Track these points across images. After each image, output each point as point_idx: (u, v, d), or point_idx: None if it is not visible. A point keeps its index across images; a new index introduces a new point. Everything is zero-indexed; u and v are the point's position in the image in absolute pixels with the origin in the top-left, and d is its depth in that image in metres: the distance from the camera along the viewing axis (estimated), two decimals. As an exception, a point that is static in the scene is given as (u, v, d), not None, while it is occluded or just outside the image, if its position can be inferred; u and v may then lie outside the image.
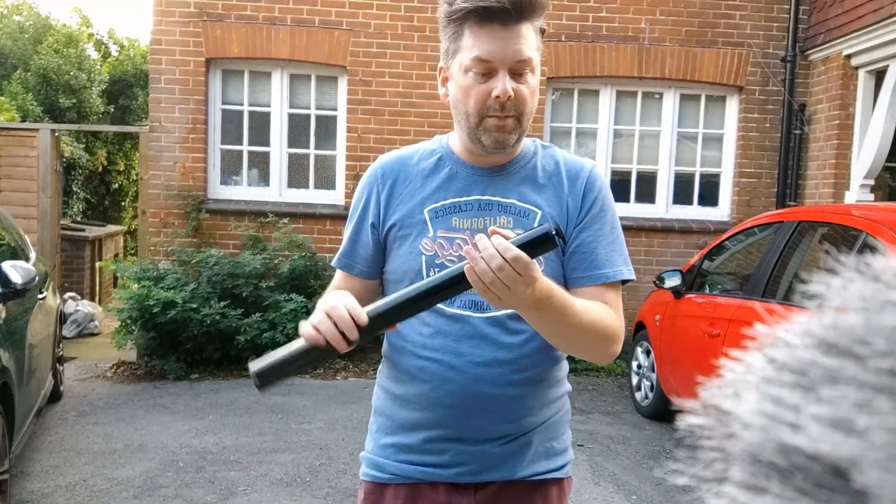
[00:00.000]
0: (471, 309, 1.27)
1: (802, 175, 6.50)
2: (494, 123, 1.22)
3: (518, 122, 1.23)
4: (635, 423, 4.90)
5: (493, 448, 1.28)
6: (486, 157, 1.29)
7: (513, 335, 1.26)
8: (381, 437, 1.37)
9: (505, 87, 1.18)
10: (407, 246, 1.30)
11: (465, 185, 1.30)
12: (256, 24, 6.23)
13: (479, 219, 1.28)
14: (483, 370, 1.25)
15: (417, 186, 1.32)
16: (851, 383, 0.22)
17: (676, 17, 6.45)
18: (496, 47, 1.18)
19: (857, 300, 0.24)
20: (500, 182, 1.30)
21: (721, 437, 0.25)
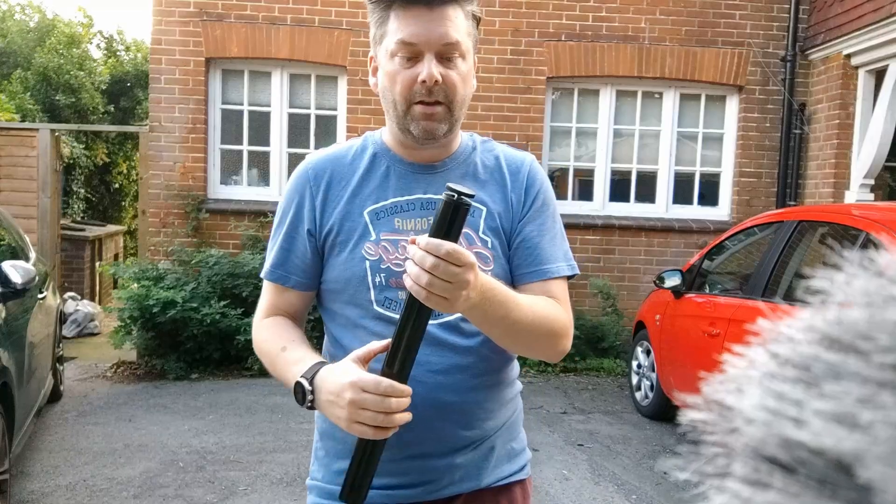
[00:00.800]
0: None
1: (802, 175, 6.50)
2: (421, 111, 1.16)
3: (448, 110, 1.17)
4: (635, 423, 4.90)
5: (459, 458, 1.22)
6: (421, 150, 1.23)
7: (468, 338, 1.20)
8: (331, 463, 1.26)
9: (431, 71, 1.12)
10: (348, 252, 1.21)
11: (405, 183, 1.23)
12: (256, 23, 6.23)
13: (423, 219, 1.21)
14: (442, 377, 1.18)
15: (354, 187, 1.24)
16: (855, 378, 0.22)
17: (676, 16, 6.45)
18: (421, 30, 1.13)
19: (861, 295, 0.24)
20: (440, 179, 1.22)
21: (724, 432, 0.25)
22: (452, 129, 1.21)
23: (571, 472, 3.96)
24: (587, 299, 6.35)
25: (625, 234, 6.49)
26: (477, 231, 1.22)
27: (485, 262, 1.19)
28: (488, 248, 1.22)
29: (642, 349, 5.26)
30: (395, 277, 1.19)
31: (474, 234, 1.21)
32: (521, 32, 6.37)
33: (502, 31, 6.36)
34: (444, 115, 1.17)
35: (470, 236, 1.20)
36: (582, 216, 6.45)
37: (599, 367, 6.11)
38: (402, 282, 1.14)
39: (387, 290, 1.19)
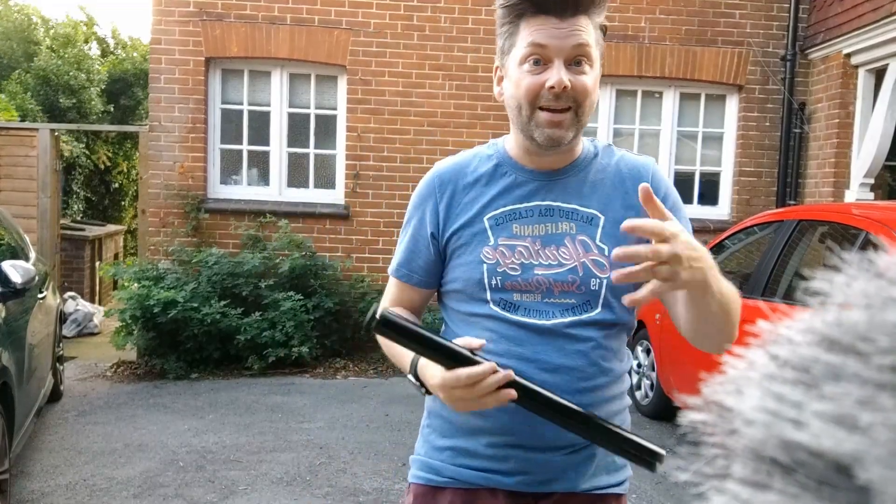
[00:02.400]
0: (535, 316, 1.22)
1: (802, 174, 6.50)
2: (547, 118, 1.17)
3: (576, 116, 1.18)
4: (635, 422, 4.88)
5: (557, 457, 1.24)
6: (543, 157, 1.25)
7: (579, 342, 1.22)
8: (436, 440, 1.31)
9: (560, 76, 1.14)
10: (468, 255, 1.26)
11: (525, 190, 1.26)
12: (256, 23, 6.23)
13: (540, 225, 1.24)
14: (549, 376, 1.20)
15: (476, 194, 1.28)
16: (854, 380, 0.22)
17: (676, 15, 6.45)
18: (553, 35, 1.15)
19: (861, 297, 0.24)
20: (560, 186, 1.26)
21: (723, 433, 0.25)
22: (577, 136, 1.22)
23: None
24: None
25: (625, 233, 6.48)
26: (594, 239, 1.23)
27: (601, 269, 1.22)
28: (605, 256, 1.22)
29: (642, 348, 5.26)
30: (510, 280, 1.23)
31: (591, 241, 1.23)
32: (520, 32, 6.36)
33: (502, 31, 6.34)
34: (571, 122, 1.18)
35: (587, 244, 1.23)
36: (582, 215, 6.44)
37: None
38: (517, 284, 1.22)
39: (502, 292, 1.23)
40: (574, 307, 1.22)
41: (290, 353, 5.65)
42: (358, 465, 3.95)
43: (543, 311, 1.22)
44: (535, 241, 1.23)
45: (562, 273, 1.22)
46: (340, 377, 5.78)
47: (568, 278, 1.22)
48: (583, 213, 1.24)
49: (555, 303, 1.22)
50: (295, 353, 5.65)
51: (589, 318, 1.22)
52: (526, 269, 1.23)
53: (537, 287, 1.23)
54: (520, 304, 1.23)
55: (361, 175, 6.37)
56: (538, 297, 1.22)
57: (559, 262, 1.23)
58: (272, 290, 5.83)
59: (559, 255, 1.23)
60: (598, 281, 1.22)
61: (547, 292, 1.23)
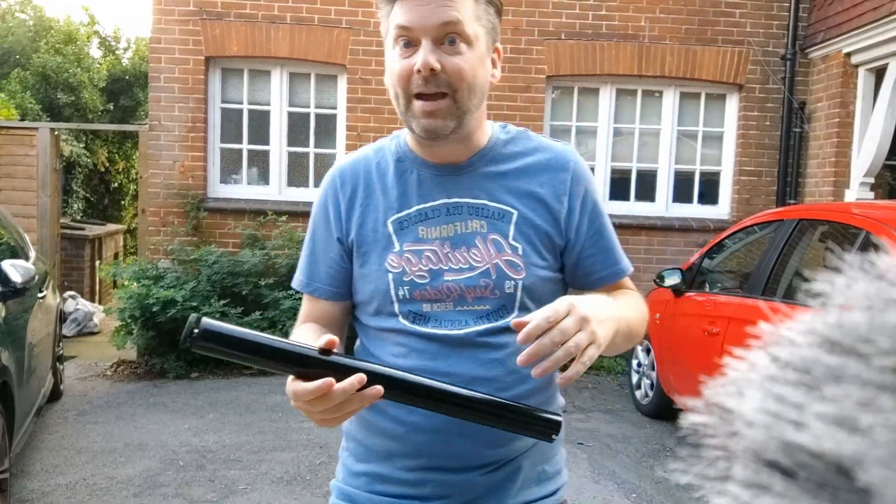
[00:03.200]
0: (448, 327, 1.12)
1: (802, 173, 6.50)
2: (421, 108, 1.05)
3: (454, 102, 1.06)
4: (635, 422, 4.91)
5: (478, 477, 1.14)
6: (441, 149, 1.13)
7: (495, 350, 1.12)
8: (352, 465, 1.23)
9: (426, 58, 1.02)
10: (371, 264, 1.15)
11: (428, 188, 1.15)
12: (256, 22, 6.23)
13: (448, 225, 1.13)
14: None
15: (379, 195, 1.17)
16: (855, 381, 0.22)
17: (676, 15, 6.45)
18: (417, 13, 1.03)
19: (862, 298, 0.24)
20: (466, 180, 1.14)
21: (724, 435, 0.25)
22: (462, 125, 1.09)
23: (571, 470, 3.96)
24: (587, 298, 6.34)
25: (625, 232, 6.48)
26: (507, 237, 1.13)
27: (515, 270, 1.12)
28: (518, 255, 1.13)
29: (642, 348, 5.26)
30: (419, 290, 1.13)
31: (503, 240, 1.13)
32: (520, 31, 6.37)
33: (502, 30, 6.30)
34: (448, 110, 1.06)
35: (499, 243, 1.13)
36: (582, 215, 6.44)
37: (599, 365, 6.12)
38: (426, 294, 1.12)
39: (410, 303, 1.13)
40: (489, 313, 1.12)
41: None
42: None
43: (456, 320, 1.12)
44: (443, 244, 1.13)
45: (473, 277, 1.12)
46: (340, 376, 5.78)
47: (480, 283, 1.12)
48: (493, 208, 1.13)
49: (468, 310, 1.12)
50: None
51: (506, 324, 1.11)
52: (435, 276, 1.12)
53: (448, 295, 1.12)
54: (430, 315, 1.12)
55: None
56: (450, 305, 1.12)
57: (470, 266, 1.12)
58: (272, 289, 5.83)
59: (470, 257, 1.12)
60: (512, 283, 1.12)
61: (459, 300, 1.12)
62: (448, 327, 1.12)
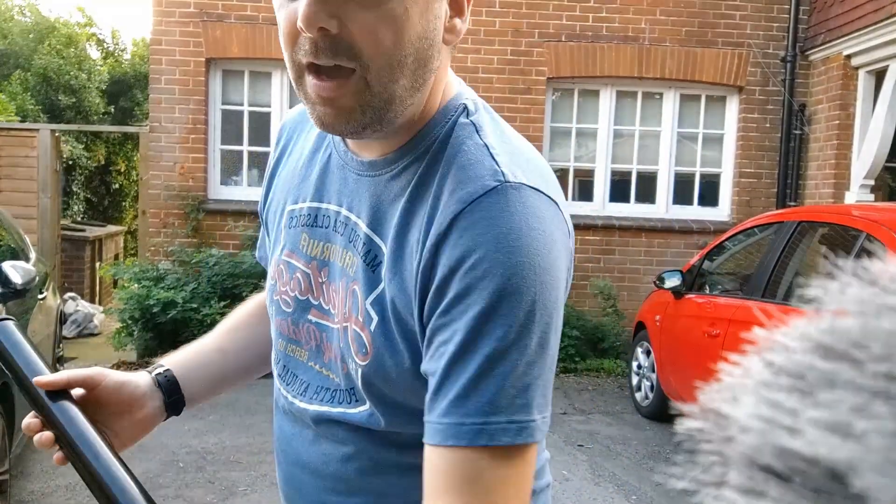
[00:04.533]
0: (294, 389, 0.87)
1: (802, 175, 6.50)
2: (314, 88, 0.68)
3: (366, 83, 0.67)
4: (635, 424, 4.90)
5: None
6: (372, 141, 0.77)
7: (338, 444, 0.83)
8: None
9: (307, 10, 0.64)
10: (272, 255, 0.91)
11: (334, 183, 0.81)
12: (256, 24, 6.23)
13: (330, 245, 0.80)
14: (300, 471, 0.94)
15: (293, 167, 0.88)
16: (849, 387, 0.22)
17: (676, 17, 6.45)
18: None
19: (855, 304, 0.24)
20: (366, 187, 0.77)
21: (719, 440, 0.25)
22: (385, 119, 0.70)
23: (571, 472, 3.96)
24: (587, 300, 6.35)
25: (625, 234, 6.49)
26: (366, 298, 0.75)
27: (360, 351, 0.75)
28: (368, 331, 0.74)
29: (642, 350, 5.26)
30: (281, 318, 0.86)
31: (362, 300, 0.75)
32: (521, 33, 6.37)
33: (502, 32, 6.36)
34: (354, 95, 0.67)
35: (357, 302, 0.76)
36: (582, 217, 6.45)
37: (599, 367, 6.12)
38: (285, 327, 0.86)
39: (276, 332, 0.88)
40: (338, 391, 0.81)
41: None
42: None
43: (303, 381, 0.85)
44: (320, 269, 0.81)
45: (332, 331, 0.80)
46: (340, 378, 5.78)
47: (335, 344, 0.80)
48: (372, 242, 0.75)
49: (322, 374, 0.82)
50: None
51: (351, 416, 0.79)
52: (299, 308, 0.84)
53: (308, 339, 0.83)
54: (287, 367, 0.87)
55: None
56: (304, 354, 0.84)
57: (332, 314, 0.80)
58: (272, 291, 5.83)
59: (333, 300, 0.80)
60: (355, 366, 0.76)
61: (315, 353, 0.83)
62: (295, 390, 0.86)
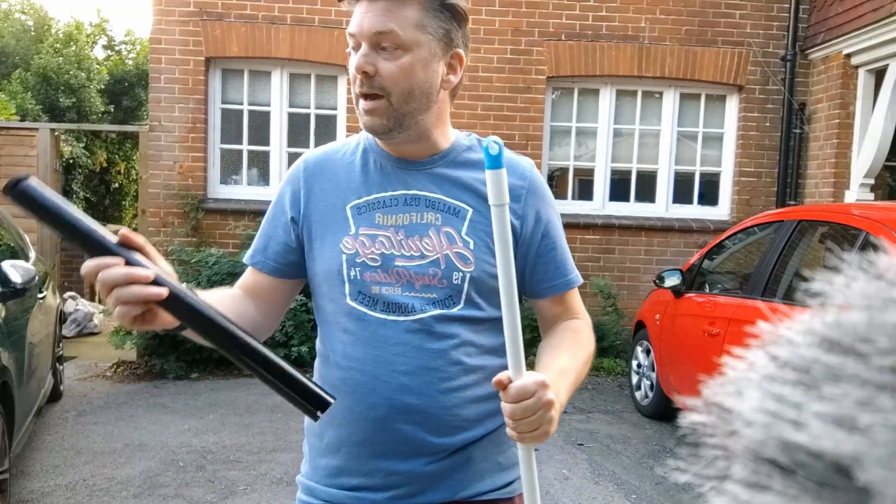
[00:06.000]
0: (394, 313, 1.16)
1: (802, 174, 6.50)
2: (362, 105, 1.14)
3: (390, 105, 1.12)
4: (635, 423, 4.90)
5: (426, 466, 1.17)
6: (405, 146, 1.20)
7: (439, 340, 1.16)
8: (313, 459, 1.26)
9: (359, 61, 1.11)
10: (327, 245, 1.21)
11: (389, 179, 1.21)
12: (256, 23, 6.23)
13: (404, 214, 1.19)
14: (407, 379, 1.15)
15: (341, 182, 1.23)
16: (854, 381, 0.22)
17: (676, 16, 6.45)
18: (358, 21, 1.12)
19: (860, 298, 0.24)
20: (426, 176, 1.21)
21: (723, 434, 0.25)
22: (403, 125, 1.15)
23: (571, 471, 3.96)
24: (587, 299, 6.32)
25: (625, 233, 6.49)
26: (460, 232, 1.19)
27: (464, 263, 1.17)
28: (469, 249, 1.18)
29: (642, 349, 5.26)
30: (370, 272, 1.17)
31: (456, 234, 1.18)
32: (520, 32, 6.37)
33: (502, 31, 6.36)
34: (384, 110, 1.13)
35: (451, 236, 1.18)
36: (582, 216, 6.45)
37: (599, 366, 6.12)
38: (376, 276, 1.16)
39: (360, 284, 1.18)
40: (436, 301, 1.17)
41: (290, 353, 5.65)
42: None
43: (403, 304, 1.17)
44: (397, 231, 1.18)
45: (423, 266, 1.17)
46: (340, 377, 5.78)
47: (429, 271, 1.17)
48: (449, 203, 1.20)
49: (416, 296, 1.17)
50: (295, 353, 5.64)
51: (451, 314, 1.17)
52: (386, 260, 1.18)
53: (397, 279, 1.17)
54: (378, 298, 1.17)
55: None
56: (398, 289, 1.17)
57: (421, 254, 1.18)
58: (272, 290, 5.83)
59: (422, 245, 1.18)
60: (460, 275, 1.17)
61: (407, 285, 1.17)
62: (395, 313, 1.16)
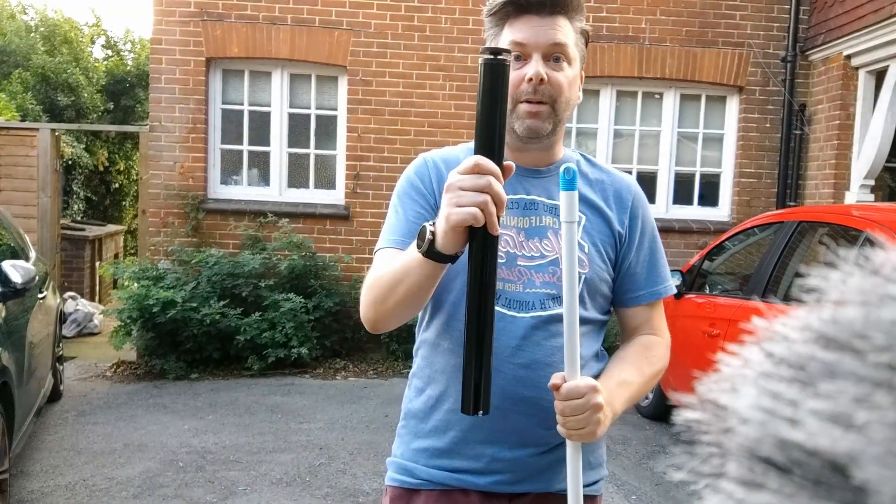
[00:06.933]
0: (515, 309, 1.23)
1: (802, 175, 6.50)
2: (526, 109, 1.21)
3: (553, 110, 1.23)
4: (635, 424, 4.90)
5: (531, 457, 1.24)
6: (525, 154, 1.28)
7: (556, 338, 1.21)
8: (412, 441, 1.31)
9: (538, 69, 1.19)
10: None
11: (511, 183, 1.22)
12: (257, 23, 6.23)
13: (524, 217, 1.27)
14: (524, 372, 1.21)
15: None
16: (850, 378, 0.22)
17: (677, 17, 6.45)
18: (531, 32, 1.21)
19: (856, 294, 0.23)
20: (543, 183, 1.29)
21: (718, 432, 0.25)
22: (556, 130, 1.26)
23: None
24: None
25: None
26: None
27: (580, 265, 1.22)
28: (584, 252, 1.26)
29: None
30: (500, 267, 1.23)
31: None
32: (521, 33, 6.37)
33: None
34: (548, 115, 1.22)
35: None
36: (582, 216, 6.44)
37: (599, 367, 6.11)
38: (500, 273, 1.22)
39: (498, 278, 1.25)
40: (554, 298, 1.23)
41: (290, 354, 5.65)
42: (357, 465, 3.95)
43: (524, 301, 1.23)
44: (519, 233, 1.26)
45: (543, 265, 1.25)
46: (340, 378, 5.77)
47: (549, 269, 1.24)
48: None
49: (536, 293, 1.24)
50: (295, 354, 5.64)
51: None
52: (510, 259, 1.24)
53: (519, 277, 1.24)
54: (501, 294, 1.22)
55: (362, 176, 6.37)
56: (519, 287, 1.24)
57: (541, 254, 1.25)
58: (272, 291, 5.83)
59: (542, 247, 1.25)
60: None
61: (528, 283, 1.24)
62: (516, 308, 1.23)
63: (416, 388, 1.33)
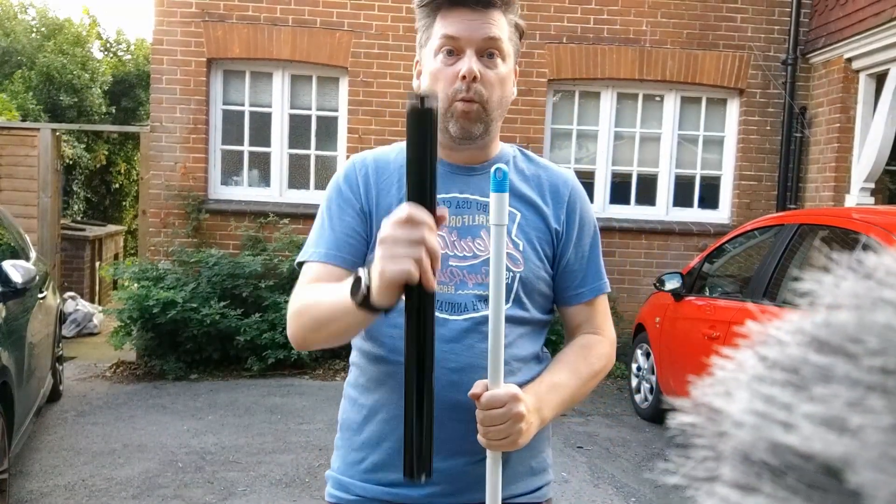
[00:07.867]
0: (447, 311, 1.19)
1: (803, 178, 6.49)
2: (461, 109, 1.18)
3: (484, 110, 1.19)
4: (635, 426, 4.90)
5: (466, 465, 1.19)
6: (459, 152, 1.25)
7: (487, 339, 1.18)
8: (346, 454, 1.28)
9: (471, 66, 1.16)
10: None
11: (444, 181, 1.21)
12: (258, 24, 6.23)
13: (457, 217, 1.23)
14: (456, 376, 1.16)
15: (394, 183, 1.25)
16: (844, 381, 0.22)
17: (677, 19, 6.45)
18: (464, 26, 1.17)
19: (850, 298, 0.23)
20: (476, 180, 1.26)
21: (712, 435, 0.25)
22: (488, 131, 1.23)
23: (571, 474, 3.96)
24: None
25: (625, 236, 6.48)
26: (509, 233, 1.22)
27: (514, 263, 1.21)
28: (518, 251, 1.23)
29: (642, 352, 5.26)
30: None
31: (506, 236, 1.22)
32: (522, 34, 6.37)
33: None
34: (478, 115, 1.19)
35: None
36: (582, 218, 6.44)
37: (599, 369, 6.10)
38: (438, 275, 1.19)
39: None
40: (486, 299, 1.18)
41: (290, 355, 5.65)
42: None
43: (456, 303, 1.20)
44: (451, 233, 1.22)
45: (476, 265, 1.22)
46: (340, 379, 5.77)
47: (482, 270, 1.21)
48: None
49: (468, 294, 1.21)
50: (294, 355, 5.64)
51: None
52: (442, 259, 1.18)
53: (451, 278, 1.21)
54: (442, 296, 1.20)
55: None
56: (451, 288, 1.21)
57: (474, 254, 1.22)
58: (272, 292, 5.83)
59: (474, 246, 1.23)
60: (510, 275, 1.20)
61: (460, 283, 1.21)
62: (447, 311, 1.20)
63: (350, 399, 1.30)
